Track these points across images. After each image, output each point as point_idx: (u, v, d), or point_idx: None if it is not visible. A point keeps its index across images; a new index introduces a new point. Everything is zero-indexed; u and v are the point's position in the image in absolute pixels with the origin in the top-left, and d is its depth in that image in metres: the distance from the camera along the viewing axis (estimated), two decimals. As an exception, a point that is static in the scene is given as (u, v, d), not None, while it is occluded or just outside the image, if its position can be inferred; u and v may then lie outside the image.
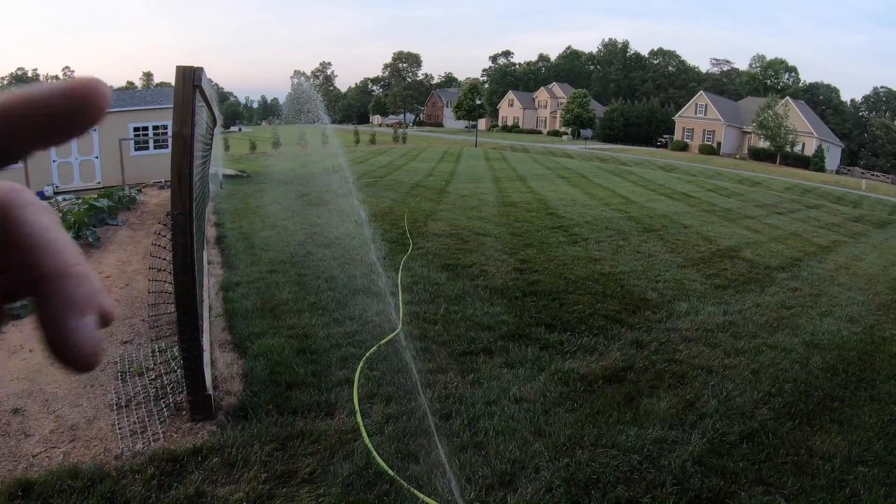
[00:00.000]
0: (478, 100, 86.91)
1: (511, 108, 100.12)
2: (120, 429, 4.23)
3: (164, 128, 20.28)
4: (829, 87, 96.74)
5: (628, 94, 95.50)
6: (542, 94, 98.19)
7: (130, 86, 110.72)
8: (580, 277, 8.81)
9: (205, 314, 5.89)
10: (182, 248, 4.02)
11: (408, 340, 5.89)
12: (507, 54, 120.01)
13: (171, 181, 4.01)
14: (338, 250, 9.68)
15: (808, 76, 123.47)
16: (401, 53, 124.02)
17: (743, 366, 5.95)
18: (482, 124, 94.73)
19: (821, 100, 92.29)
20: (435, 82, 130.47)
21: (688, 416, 4.78)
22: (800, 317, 7.88)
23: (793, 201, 25.63)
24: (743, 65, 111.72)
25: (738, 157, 68.36)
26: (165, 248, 4.93)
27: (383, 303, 7.08)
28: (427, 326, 6.39)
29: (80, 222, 10.55)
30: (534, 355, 5.80)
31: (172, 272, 4.14)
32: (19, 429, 4.19)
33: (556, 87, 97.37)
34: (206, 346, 5.08)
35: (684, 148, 73.64)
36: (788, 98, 70.17)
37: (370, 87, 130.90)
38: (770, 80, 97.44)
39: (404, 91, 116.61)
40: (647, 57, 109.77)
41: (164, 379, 5.04)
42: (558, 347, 6.05)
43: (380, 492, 3.60)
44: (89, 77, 0.36)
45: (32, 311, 0.33)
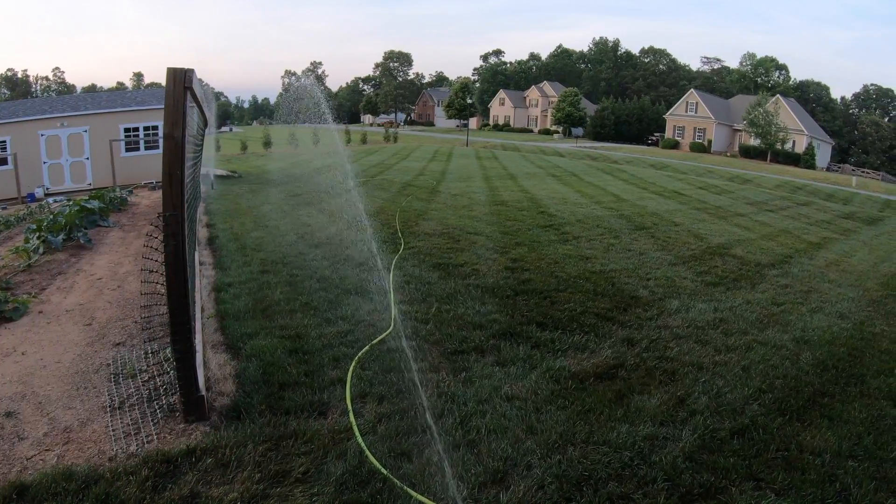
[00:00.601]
0: (469, 99, 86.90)
1: (502, 107, 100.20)
2: (114, 431, 4.23)
3: (155, 128, 20.23)
4: (819, 84, 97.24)
5: (619, 93, 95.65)
6: (532, 93, 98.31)
7: (121, 87, 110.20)
8: (571, 276, 8.85)
9: (197, 315, 5.90)
10: (174, 249, 4.03)
11: (399, 340, 5.91)
12: (498, 53, 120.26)
13: (163, 182, 4.02)
14: (329, 250, 9.69)
15: (798, 74, 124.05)
16: (392, 53, 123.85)
17: (733, 362, 5.99)
18: (473, 123, 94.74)
19: (811, 97, 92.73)
20: (426, 81, 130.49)
21: (679, 413, 4.81)
22: (790, 313, 7.92)
23: (783, 198, 25.75)
24: (733, 63, 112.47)
25: (728, 154, 68.57)
26: (157, 249, 4.93)
27: (375, 303, 7.10)
28: (419, 326, 6.41)
29: (71, 224, 10.53)
30: (525, 353, 5.83)
31: (164, 273, 4.15)
32: (13, 432, 4.19)
33: (546, 86, 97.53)
34: (198, 348, 5.08)
35: (675, 146, 73.84)
36: (779, 96, 70.52)
37: (361, 86, 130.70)
38: (760, 77, 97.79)
39: (395, 90, 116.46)
40: (638, 55, 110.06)
41: (157, 380, 5.05)
42: (549, 345, 6.08)
43: (373, 490, 3.62)
44: None
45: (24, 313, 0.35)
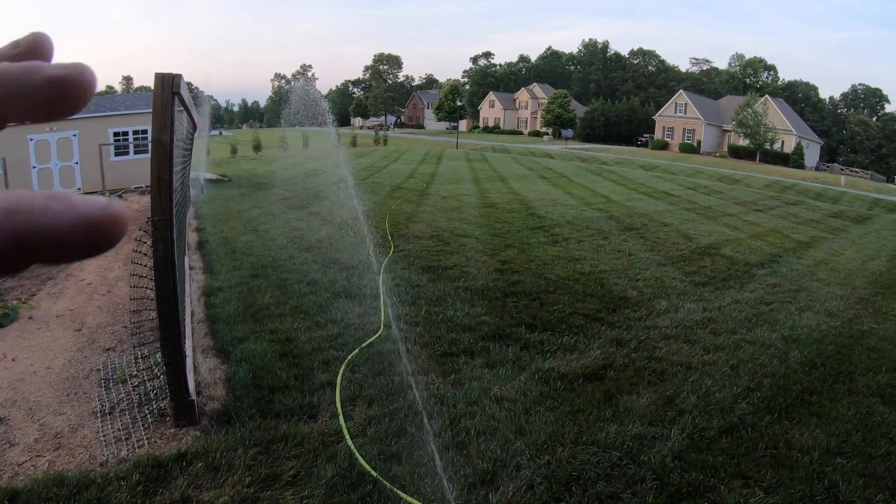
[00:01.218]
0: (458, 101, 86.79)
1: (492, 109, 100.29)
2: (104, 436, 4.24)
3: (145, 132, 20.12)
4: (807, 84, 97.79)
5: (609, 94, 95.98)
6: (522, 95, 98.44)
7: (110, 90, 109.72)
8: (560, 277, 8.89)
9: (187, 320, 5.90)
10: (163, 254, 4.04)
11: (389, 342, 5.93)
12: (488, 55, 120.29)
13: (151, 187, 4.04)
14: (319, 254, 9.70)
15: (787, 74, 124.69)
16: (381, 55, 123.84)
17: (722, 362, 6.04)
18: (463, 125, 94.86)
19: (800, 97, 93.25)
20: (416, 84, 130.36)
21: (667, 413, 4.86)
22: (779, 312, 7.99)
23: (772, 198, 25.88)
24: (722, 64, 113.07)
25: (718, 155, 68.90)
26: (147, 254, 4.94)
27: (364, 306, 7.11)
28: (408, 328, 6.43)
29: (60, 229, 10.48)
30: (514, 355, 5.86)
31: (154, 278, 4.16)
32: (3, 438, 4.19)
33: (536, 88, 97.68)
34: (188, 352, 5.09)
35: (665, 147, 74.13)
36: (767, 96, 70.91)
37: (351, 88, 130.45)
38: (749, 78, 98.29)
39: (385, 93, 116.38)
40: (627, 57, 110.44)
41: (148, 385, 5.05)
42: (539, 347, 6.11)
43: (363, 492, 3.64)
44: (76, 65, 0.37)
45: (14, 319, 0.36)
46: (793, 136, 67.54)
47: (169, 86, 3.84)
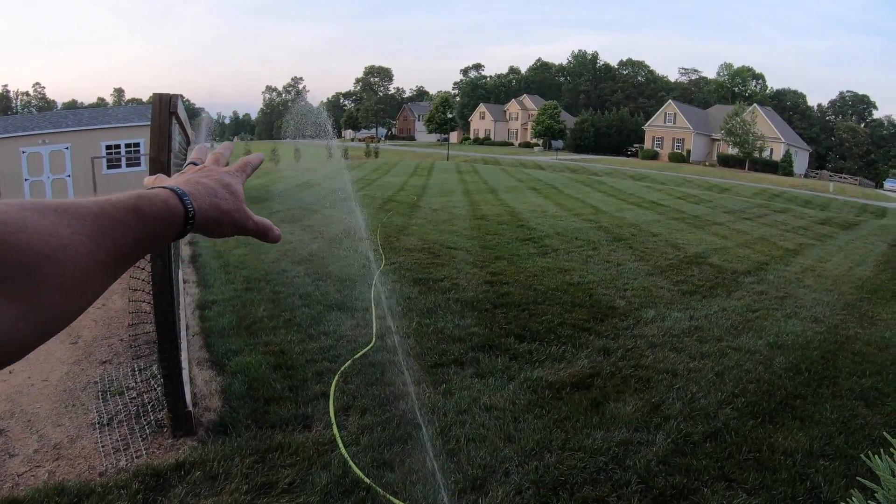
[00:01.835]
0: (449, 113, 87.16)
1: (482, 121, 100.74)
2: (103, 447, 4.32)
3: (137, 146, 20.21)
4: (795, 92, 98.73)
5: (598, 105, 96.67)
6: (513, 107, 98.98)
7: (101, 102, 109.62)
8: (550, 288, 9.00)
9: (182, 332, 5.99)
10: (160, 268, 4.14)
11: (381, 354, 6.04)
12: (478, 67, 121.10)
13: (149, 205, 4.13)
14: (311, 267, 9.79)
15: (775, 83, 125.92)
16: (372, 67, 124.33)
17: (707, 369, 6.12)
18: (454, 137, 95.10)
19: (788, 105, 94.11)
20: (406, 96, 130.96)
21: (653, 419, 4.95)
22: (765, 319, 8.07)
23: (761, 206, 26.06)
24: (711, 73, 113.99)
25: (707, 164, 69.40)
26: (143, 268, 5.04)
27: (356, 318, 7.21)
28: (400, 340, 6.53)
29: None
30: (504, 365, 5.96)
31: (151, 292, 4.26)
32: (3, 449, 4.26)
33: (526, 99, 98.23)
34: (184, 364, 5.18)
35: (654, 156, 74.62)
36: (756, 105, 71.62)
37: (342, 101, 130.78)
38: (738, 87, 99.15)
39: (376, 105, 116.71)
40: (617, 67, 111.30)
41: (145, 397, 5.14)
42: (527, 357, 6.21)
43: (357, 499, 3.74)
44: (269, 227, 0.88)
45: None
46: (781, 143, 68.13)
47: (167, 106, 3.95)
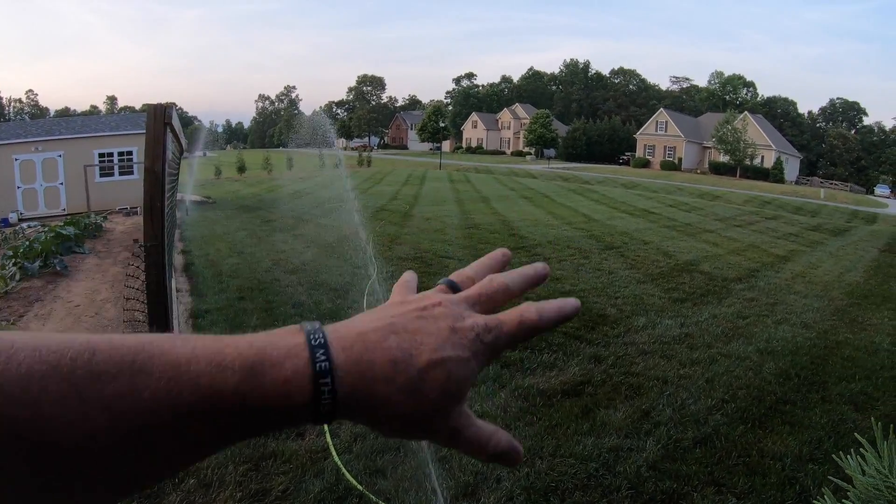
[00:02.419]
0: (441, 122, 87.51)
1: (475, 130, 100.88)
2: (96, 455, 4.33)
3: (129, 154, 20.15)
4: (786, 100, 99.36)
5: (590, 114, 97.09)
6: (505, 116, 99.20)
7: (94, 110, 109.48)
8: (541, 297, 8.87)
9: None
10: (155, 278, 4.18)
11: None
12: (471, 76, 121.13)
13: (144, 214, 4.18)
14: (304, 276, 9.81)
15: (766, 90, 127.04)
16: (365, 76, 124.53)
17: (697, 375, 6.14)
18: (446, 146, 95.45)
19: (779, 113, 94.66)
20: (399, 105, 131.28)
21: (643, 425, 4.98)
22: (755, 326, 8.09)
23: (752, 213, 26.18)
24: (702, 81, 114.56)
25: (698, 171, 69.76)
26: (137, 277, 5.07)
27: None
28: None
29: (47, 251, 10.52)
30: (495, 373, 5.97)
31: (146, 301, 4.29)
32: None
33: (518, 108, 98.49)
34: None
35: (646, 165, 74.94)
36: (747, 113, 72.08)
37: (334, 110, 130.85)
38: (729, 95, 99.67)
39: (368, 114, 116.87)
40: (608, 76, 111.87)
41: (138, 406, 5.14)
42: (519, 365, 6.23)
43: (350, 505, 3.77)
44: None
45: None
46: (772, 151, 68.55)
47: (161, 116, 3.99)
